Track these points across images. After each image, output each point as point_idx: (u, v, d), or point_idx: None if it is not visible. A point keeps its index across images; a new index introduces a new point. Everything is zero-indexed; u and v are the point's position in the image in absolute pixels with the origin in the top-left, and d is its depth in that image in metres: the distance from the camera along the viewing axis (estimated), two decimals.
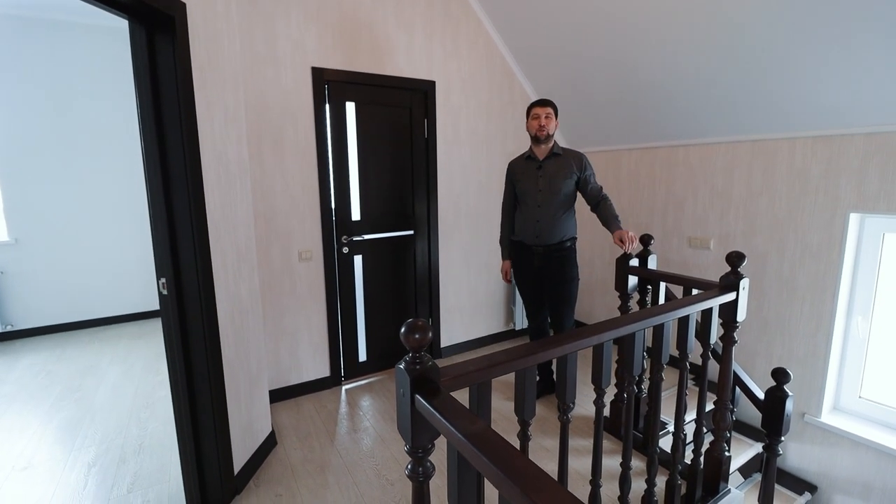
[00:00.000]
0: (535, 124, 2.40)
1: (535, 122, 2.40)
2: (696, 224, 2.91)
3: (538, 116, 2.39)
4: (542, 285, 2.56)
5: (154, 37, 1.60)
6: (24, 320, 3.94)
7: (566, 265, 2.49)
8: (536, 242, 2.47)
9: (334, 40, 2.69)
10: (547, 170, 2.43)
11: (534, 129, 2.41)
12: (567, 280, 2.49)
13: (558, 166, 2.42)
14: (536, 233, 2.46)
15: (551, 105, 2.43)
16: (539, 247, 2.47)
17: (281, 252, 2.66)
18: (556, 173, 2.41)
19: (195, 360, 1.76)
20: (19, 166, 3.82)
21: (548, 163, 2.44)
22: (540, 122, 2.39)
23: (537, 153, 2.47)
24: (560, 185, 2.40)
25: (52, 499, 1.94)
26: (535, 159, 2.47)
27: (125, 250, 4.26)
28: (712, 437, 1.84)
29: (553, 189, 2.41)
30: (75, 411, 2.68)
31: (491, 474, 0.72)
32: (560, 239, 2.45)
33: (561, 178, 2.40)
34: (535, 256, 2.50)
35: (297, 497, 1.93)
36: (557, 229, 2.44)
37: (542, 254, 2.47)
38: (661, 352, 1.53)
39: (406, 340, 0.92)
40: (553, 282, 2.50)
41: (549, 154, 2.44)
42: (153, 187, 1.65)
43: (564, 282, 2.48)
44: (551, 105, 2.43)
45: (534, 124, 2.41)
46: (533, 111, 2.43)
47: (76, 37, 3.87)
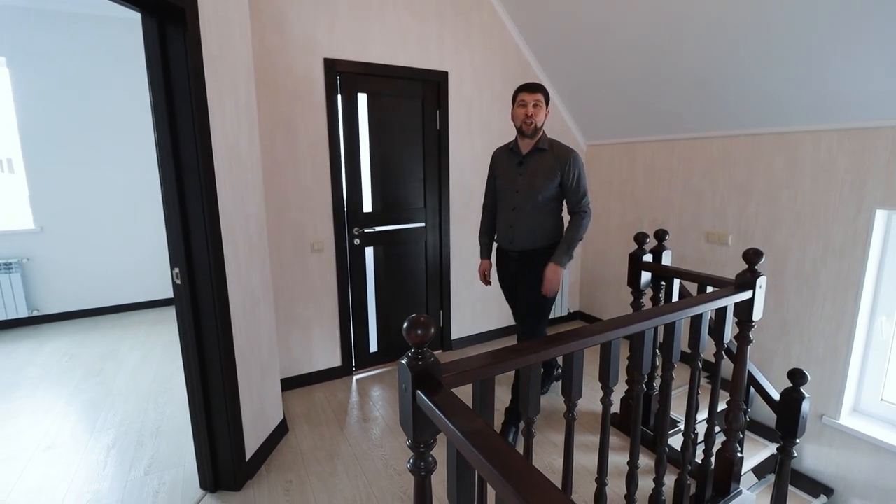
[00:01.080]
0: (521, 114, 2.03)
1: (522, 111, 2.03)
2: (714, 218, 2.84)
3: (525, 104, 2.02)
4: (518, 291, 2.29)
5: (166, 28, 1.61)
6: (50, 306, 4.08)
7: (543, 272, 2.12)
8: (510, 248, 2.19)
9: (346, 31, 2.68)
10: (529, 167, 2.09)
11: (519, 119, 2.04)
12: (538, 291, 2.14)
13: (542, 164, 2.07)
14: (511, 237, 2.16)
15: (542, 91, 2.04)
16: (514, 252, 2.19)
17: (293, 243, 2.68)
18: (538, 171, 2.07)
19: (208, 348, 1.79)
20: (42, 157, 3.93)
21: (531, 159, 2.10)
22: (527, 112, 2.01)
23: (521, 146, 2.12)
24: (539, 186, 2.06)
25: (74, 478, 2.01)
26: (517, 152, 2.14)
27: (144, 238, 4.36)
28: (724, 437, 1.81)
29: (531, 191, 2.07)
30: (96, 394, 2.77)
31: (487, 473, 0.71)
32: (538, 245, 2.14)
33: (541, 179, 2.06)
34: (511, 262, 2.24)
35: (306, 484, 1.96)
36: (535, 236, 2.14)
37: (517, 259, 2.19)
38: (671, 350, 1.50)
39: (408, 336, 0.92)
40: (525, 290, 2.19)
41: (533, 149, 2.08)
42: (166, 179, 1.68)
43: (536, 292, 2.14)
44: (542, 91, 2.04)
45: (519, 113, 2.04)
46: (519, 97, 2.05)
47: (95, 28, 3.94)
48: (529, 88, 2.04)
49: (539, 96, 2.02)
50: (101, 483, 1.98)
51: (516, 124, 2.07)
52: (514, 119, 2.08)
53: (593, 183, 3.73)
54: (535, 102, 2.01)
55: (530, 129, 2.03)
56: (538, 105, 2.02)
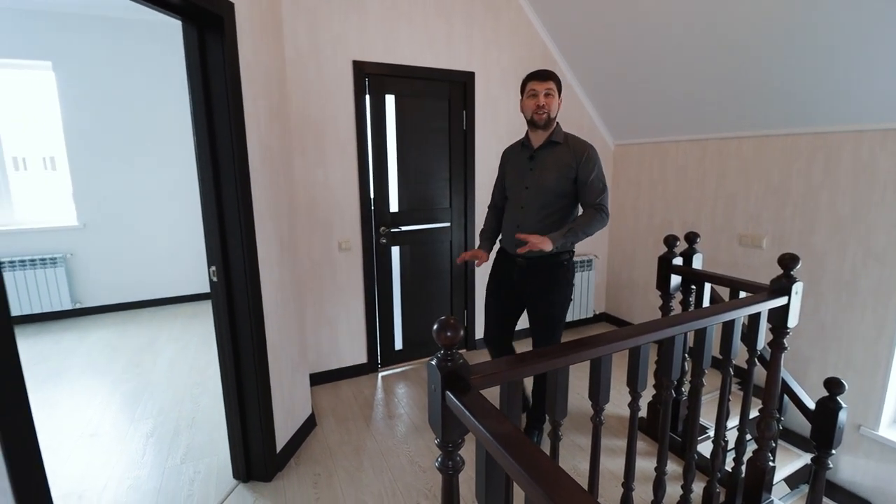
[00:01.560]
0: (532, 104, 1.85)
1: (532, 101, 1.85)
2: (748, 221, 2.76)
3: (535, 94, 1.84)
4: (515, 305, 2.06)
5: (205, 35, 1.68)
6: (92, 299, 4.28)
7: (554, 284, 1.94)
8: (517, 252, 1.89)
9: (375, 33, 2.72)
10: (540, 162, 1.91)
11: (530, 110, 1.86)
12: (552, 302, 1.95)
13: (555, 158, 1.89)
14: (518, 241, 1.89)
15: (553, 78, 1.86)
16: (521, 258, 1.94)
17: (322, 242, 2.75)
18: (551, 166, 1.88)
19: (242, 344, 1.86)
20: (85, 156, 4.12)
21: (542, 153, 1.91)
22: (538, 102, 1.83)
23: (532, 139, 1.94)
24: (551, 182, 1.87)
25: (116, 465, 2.12)
26: (528, 147, 1.96)
27: (180, 235, 4.53)
28: (756, 445, 1.77)
29: (543, 188, 1.89)
30: (136, 384, 2.90)
31: (517, 475, 0.73)
32: (549, 253, 1.88)
33: (553, 174, 1.87)
34: (516, 269, 1.99)
35: (334, 477, 2.02)
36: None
37: (525, 266, 1.95)
38: (702, 356, 1.48)
39: (438, 337, 0.94)
40: (534, 302, 1.99)
41: (545, 142, 1.91)
42: (204, 181, 1.75)
43: (549, 303, 1.94)
44: (553, 78, 1.86)
45: (529, 104, 1.86)
46: (529, 87, 1.87)
47: (136, 33, 4.10)
48: (540, 76, 1.85)
49: (551, 84, 1.84)
50: (141, 470, 2.08)
51: (527, 116, 1.90)
52: (523, 110, 1.91)
53: (621, 183, 3.68)
54: (546, 91, 1.83)
55: (542, 119, 1.85)
56: (550, 94, 1.84)
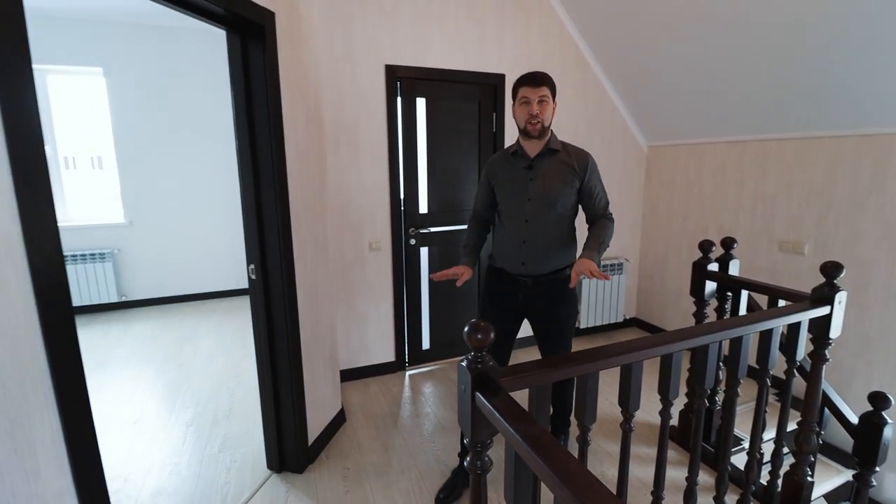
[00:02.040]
0: (524, 112, 1.70)
1: (525, 108, 1.70)
2: (789, 226, 2.66)
3: (528, 101, 1.69)
4: (516, 326, 1.91)
5: (247, 44, 1.75)
6: (136, 292, 4.51)
7: (562, 301, 1.83)
8: (523, 272, 1.79)
9: (407, 37, 2.76)
10: (540, 171, 1.77)
11: (523, 119, 1.71)
12: (562, 318, 1.85)
13: (556, 167, 1.77)
14: (523, 258, 1.79)
15: (547, 83, 1.70)
16: (526, 277, 1.81)
17: (353, 242, 2.81)
18: (554, 175, 1.76)
19: (277, 339, 1.94)
20: (132, 157, 4.34)
21: (542, 161, 1.78)
22: (531, 111, 1.68)
23: (527, 149, 1.79)
24: (557, 192, 1.75)
25: (158, 451, 2.24)
26: (523, 156, 1.80)
27: (219, 233, 4.71)
28: (793, 459, 1.71)
29: (548, 198, 1.75)
30: (176, 375, 3.04)
31: (546, 477, 0.74)
32: (556, 267, 1.81)
33: (559, 183, 1.75)
34: (521, 289, 1.83)
35: (362, 472, 2.07)
36: (552, 253, 1.80)
37: (531, 286, 1.81)
38: (737, 366, 1.44)
39: (469, 340, 0.96)
40: (544, 320, 1.87)
41: (543, 150, 1.77)
42: (245, 183, 1.82)
43: (559, 320, 1.84)
44: (547, 83, 1.70)
45: (522, 112, 1.71)
46: (520, 93, 1.71)
47: (181, 40, 4.30)
48: (532, 81, 1.69)
49: (545, 90, 1.69)
50: (181, 457, 2.19)
51: (519, 125, 1.75)
52: (515, 119, 1.76)
53: (654, 186, 3.60)
54: (540, 98, 1.68)
55: (537, 129, 1.70)
56: (544, 101, 1.69)
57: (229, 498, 1.90)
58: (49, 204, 0.97)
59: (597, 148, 3.45)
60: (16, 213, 0.91)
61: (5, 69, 0.87)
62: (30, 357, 0.95)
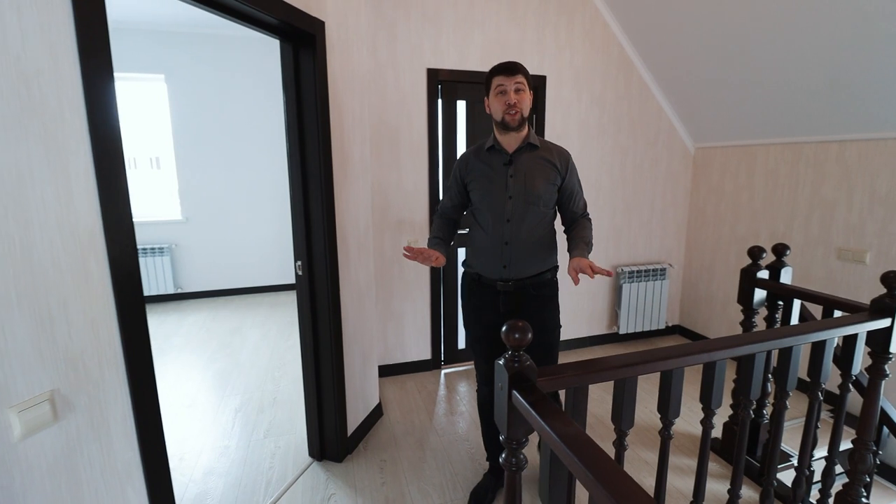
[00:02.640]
0: (501, 103, 1.59)
1: (501, 99, 1.59)
2: (849, 233, 2.51)
3: (504, 90, 1.58)
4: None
5: (299, 53, 1.84)
6: (190, 285, 4.80)
7: (547, 307, 1.74)
8: (504, 276, 1.68)
9: (448, 42, 2.80)
10: (521, 167, 1.65)
11: (500, 110, 1.59)
12: (549, 328, 1.75)
13: (537, 162, 1.65)
14: (505, 261, 1.67)
15: (522, 71, 1.59)
16: (506, 282, 1.69)
17: (392, 241, 2.89)
18: (536, 172, 1.64)
19: (321, 333, 2.02)
20: (190, 158, 4.63)
21: (521, 157, 1.66)
22: (508, 100, 1.57)
23: (505, 143, 1.67)
24: (541, 189, 1.64)
25: (209, 434, 2.38)
26: (501, 151, 1.68)
27: (266, 231, 4.95)
28: (847, 478, 1.62)
29: (530, 195, 1.64)
30: (226, 364, 3.23)
31: (581, 475, 0.75)
32: (539, 270, 1.70)
33: (541, 180, 1.64)
34: (501, 297, 1.71)
35: (398, 466, 2.12)
36: (536, 255, 1.69)
37: (512, 292, 1.70)
38: (786, 378, 1.39)
39: (506, 339, 0.98)
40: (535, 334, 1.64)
41: (522, 144, 1.66)
42: (294, 183, 1.92)
43: (546, 330, 1.72)
44: (522, 71, 1.59)
45: (498, 103, 1.59)
46: (495, 83, 1.60)
47: (235, 48, 4.54)
48: (507, 70, 1.58)
49: (520, 78, 1.58)
50: (230, 440, 2.32)
51: (496, 117, 1.63)
52: (491, 111, 1.65)
53: (701, 189, 3.48)
54: (516, 86, 1.57)
55: (515, 119, 1.59)
56: (521, 89, 1.58)
57: (273, 482, 2.01)
58: (126, 202, 1.07)
59: (640, 149, 3.38)
60: (98, 210, 1.02)
61: (93, 81, 0.98)
62: (106, 339, 1.06)
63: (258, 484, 2.00)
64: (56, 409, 0.96)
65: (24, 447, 0.90)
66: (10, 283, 0.86)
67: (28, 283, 0.89)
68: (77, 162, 0.97)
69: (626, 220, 3.46)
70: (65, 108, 0.94)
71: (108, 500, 1.08)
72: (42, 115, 0.90)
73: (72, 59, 0.95)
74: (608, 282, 3.49)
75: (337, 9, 1.97)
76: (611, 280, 3.50)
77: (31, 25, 0.87)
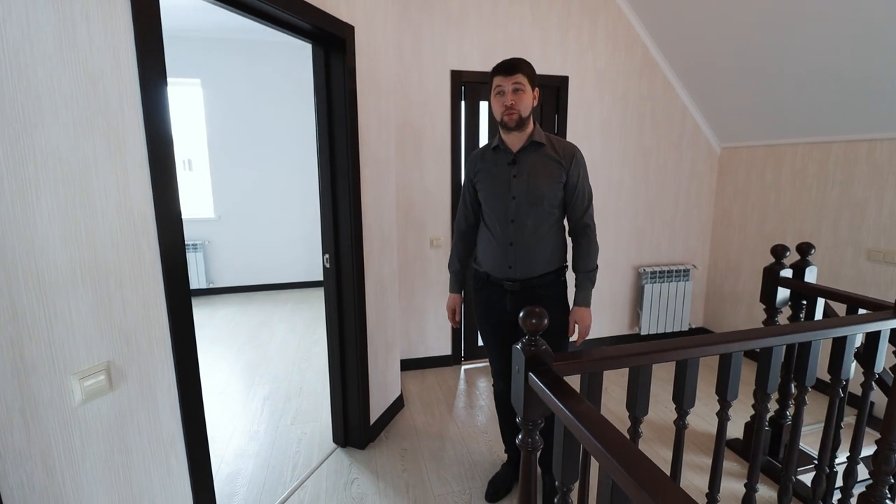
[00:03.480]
0: (499, 104, 1.59)
1: (499, 100, 1.59)
2: (880, 234, 2.45)
3: (502, 91, 1.58)
4: (514, 333, 1.74)
5: (330, 56, 1.94)
6: (221, 280, 5.00)
7: (556, 306, 1.69)
8: (510, 276, 1.68)
9: (472, 43, 2.87)
10: (525, 166, 1.64)
11: (498, 110, 1.60)
12: (557, 330, 1.69)
13: (541, 161, 1.63)
14: (510, 261, 1.67)
15: (522, 69, 1.57)
16: (513, 282, 1.68)
17: (415, 238, 2.96)
18: (539, 171, 1.62)
19: (346, 324, 2.11)
20: (223, 158, 4.83)
21: (525, 156, 1.65)
22: (504, 101, 1.57)
23: (509, 142, 1.66)
24: (543, 189, 1.61)
25: (240, 419, 2.50)
26: (506, 150, 1.67)
27: (294, 229, 5.11)
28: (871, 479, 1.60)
29: (534, 194, 1.63)
30: (254, 355, 3.36)
31: (593, 448, 0.80)
32: (545, 270, 1.68)
33: (545, 179, 1.62)
34: (508, 296, 1.71)
35: (418, 455, 2.19)
36: (541, 255, 1.66)
37: (518, 292, 1.68)
38: (804, 374, 1.39)
39: (524, 324, 1.03)
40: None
41: (526, 143, 1.64)
42: (324, 181, 2.02)
43: (553, 332, 1.64)
44: (522, 69, 1.57)
45: (497, 104, 1.60)
46: (494, 83, 1.60)
47: (266, 52, 4.72)
48: (505, 69, 1.57)
49: (520, 78, 1.56)
50: (259, 426, 2.43)
51: (496, 117, 1.64)
52: (493, 111, 1.65)
53: (727, 189, 3.44)
54: (515, 86, 1.56)
55: (513, 120, 1.58)
56: (520, 89, 1.56)
57: (300, 465, 2.10)
58: (175, 193, 1.17)
59: (664, 150, 3.36)
60: (151, 200, 1.12)
61: (148, 82, 1.08)
62: (156, 318, 1.16)
63: (285, 466, 2.10)
64: (111, 379, 1.06)
65: (84, 411, 1.00)
66: (76, 262, 0.97)
67: (91, 263, 1.00)
68: (134, 155, 1.07)
69: (649, 221, 3.45)
70: (124, 106, 1.04)
71: (153, 467, 1.18)
72: (105, 112, 1.00)
73: (131, 61, 1.05)
74: (629, 282, 3.48)
75: (366, 13, 2.05)
76: (632, 280, 3.49)
77: (97, 30, 0.97)
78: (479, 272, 1.81)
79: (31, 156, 0.88)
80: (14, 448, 0.88)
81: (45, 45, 0.89)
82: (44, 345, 0.92)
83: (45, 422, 0.93)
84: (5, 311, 0.86)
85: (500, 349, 1.80)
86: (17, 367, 0.88)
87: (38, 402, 0.92)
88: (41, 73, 0.88)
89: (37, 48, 0.87)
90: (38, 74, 0.88)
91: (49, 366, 0.93)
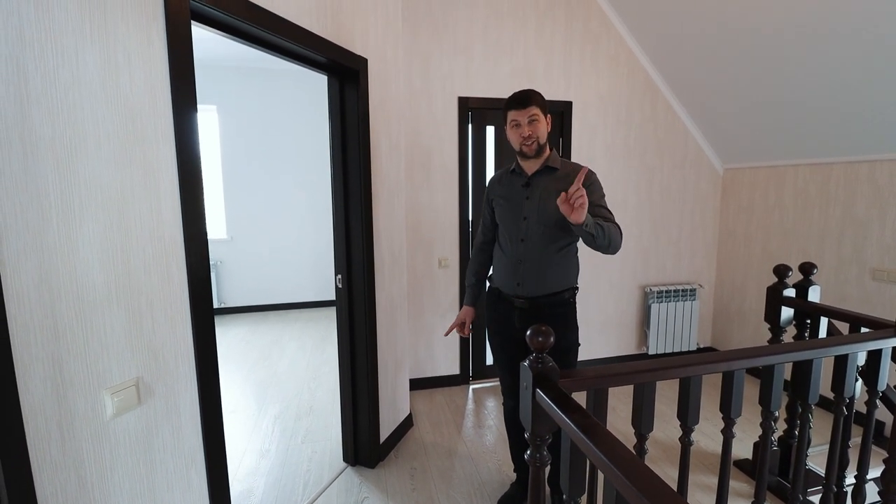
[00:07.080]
0: (516, 136, 1.69)
1: (516, 132, 1.68)
2: (884, 254, 2.48)
3: (519, 124, 1.67)
4: (524, 349, 1.73)
5: (344, 87, 2.04)
6: (232, 300, 5.08)
7: (562, 325, 1.69)
8: (518, 293, 1.74)
9: (478, 70, 2.99)
10: (537, 189, 1.72)
11: (516, 142, 1.70)
12: (564, 349, 1.71)
13: (554, 184, 1.67)
14: (518, 279, 1.73)
15: (535, 101, 1.66)
16: (521, 299, 1.74)
17: (423, 259, 3.03)
18: (552, 194, 1.62)
19: (357, 343, 2.16)
20: (236, 180, 4.97)
21: (539, 179, 1.73)
22: (522, 133, 1.66)
23: (525, 167, 1.76)
24: (554, 210, 1.61)
25: (251, 438, 2.53)
26: (521, 174, 1.77)
27: (304, 252, 5.21)
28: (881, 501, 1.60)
29: (544, 216, 1.68)
30: (265, 374, 3.40)
31: (598, 461, 0.84)
32: (553, 290, 1.72)
33: (555, 202, 1.56)
34: (516, 313, 1.76)
35: (428, 473, 2.20)
36: (550, 275, 1.71)
37: (527, 309, 1.73)
38: (807, 392, 1.42)
39: (531, 342, 1.08)
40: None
41: (541, 167, 1.73)
42: (337, 203, 2.10)
43: (559, 351, 1.60)
44: (535, 101, 1.66)
45: (514, 135, 1.70)
46: (510, 117, 1.69)
47: (279, 80, 4.90)
48: (519, 103, 1.67)
49: (533, 109, 1.65)
50: (271, 444, 2.46)
51: (514, 147, 1.74)
52: (510, 141, 1.75)
53: (730, 209, 3.49)
54: (530, 118, 1.66)
55: (532, 149, 1.68)
56: (535, 120, 1.66)
57: (311, 483, 2.13)
58: (202, 218, 1.25)
59: (668, 171, 3.43)
60: (180, 225, 1.19)
61: (181, 116, 1.17)
62: (182, 336, 1.22)
63: (296, 485, 2.12)
64: (140, 394, 1.11)
65: (114, 425, 1.06)
66: (111, 283, 1.04)
67: (125, 284, 1.07)
68: (166, 183, 1.15)
69: (654, 241, 3.50)
70: (159, 137, 1.13)
71: (175, 480, 1.22)
72: (142, 143, 1.09)
73: (166, 97, 1.14)
74: (636, 302, 3.51)
75: (378, 46, 2.17)
76: (639, 300, 3.52)
77: (137, 70, 1.07)
78: (492, 288, 1.90)
79: (77, 187, 0.96)
80: (51, 459, 0.94)
81: (93, 87, 0.98)
82: (81, 361, 0.99)
83: (80, 434, 0.99)
84: (49, 329, 0.93)
85: (509, 367, 1.85)
86: (56, 382, 0.94)
87: (73, 416, 0.98)
88: (87, 110, 0.97)
89: (84, 89, 0.96)
90: (84, 111, 0.97)
91: (85, 381, 1.00)
